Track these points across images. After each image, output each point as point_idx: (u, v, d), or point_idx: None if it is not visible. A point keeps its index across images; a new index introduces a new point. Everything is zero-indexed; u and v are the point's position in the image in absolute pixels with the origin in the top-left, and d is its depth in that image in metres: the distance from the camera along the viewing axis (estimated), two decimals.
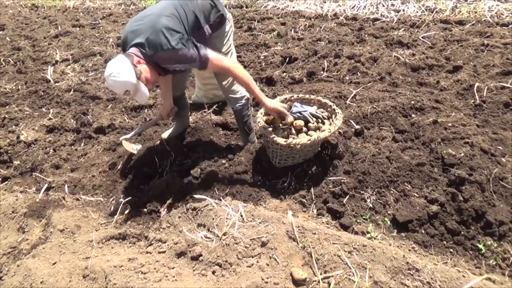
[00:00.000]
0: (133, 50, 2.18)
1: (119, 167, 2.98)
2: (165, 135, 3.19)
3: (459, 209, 2.26)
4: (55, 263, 1.99)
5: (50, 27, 6.97)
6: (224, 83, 2.70)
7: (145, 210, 2.55)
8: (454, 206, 2.29)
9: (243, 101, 2.81)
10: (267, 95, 3.70)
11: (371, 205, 2.44)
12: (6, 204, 2.62)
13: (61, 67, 5.08)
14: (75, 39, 6.17)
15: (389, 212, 2.39)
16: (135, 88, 2.13)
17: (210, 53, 2.25)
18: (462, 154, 2.53)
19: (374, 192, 2.50)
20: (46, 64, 5.17)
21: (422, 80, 3.77)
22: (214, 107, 3.70)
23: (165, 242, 2.14)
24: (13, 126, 3.69)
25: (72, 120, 3.71)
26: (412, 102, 3.24)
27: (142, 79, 2.16)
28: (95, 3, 8.77)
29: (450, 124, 2.87)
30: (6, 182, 3.01)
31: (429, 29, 5.08)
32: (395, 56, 4.31)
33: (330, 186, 2.58)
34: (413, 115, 3.12)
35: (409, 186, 2.49)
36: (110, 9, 8.13)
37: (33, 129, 3.62)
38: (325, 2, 6.83)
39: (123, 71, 2.07)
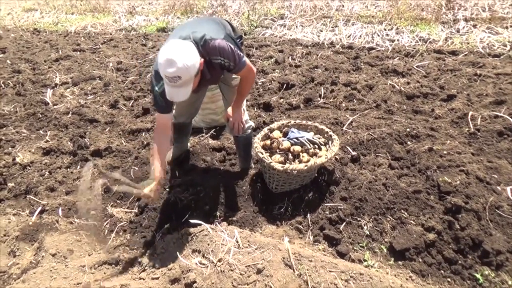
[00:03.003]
0: None
1: (114, 191, 2.96)
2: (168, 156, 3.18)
3: (456, 238, 2.25)
4: None
5: (51, 51, 7.06)
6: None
7: (140, 234, 2.52)
8: (451, 234, 2.28)
9: (249, 131, 2.84)
10: (264, 121, 3.76)
11: (368, 232, 2.42)
12: None
13: (60, 90, 5.11)
14: (75, 63, 6.24)
15: (386, 239, 2.37)
16: (188, 80, 1.94)
17: (246, 58, 2.30)
18: (458, 182, 2.54)
19: (371, 219, 2.50)
20: (46, 87, 5.21)
21: (417, 108, 3.83)
22: (212, 131, 3.72)
23: (158, 268, 2.11)
24: (10, 148, 3.67)
25: (69, 143, 3.71)
26: (408, 129, 3.27)
27: (195, 80, 2.04)
28: (96, 28, 8.93)
29: (445, 152, 2.90)
30: (0, 204, 2.98)
31: (423, 59, 5.19)
32: (390, 84, 4.39)
33: (327, 213, 2.57)
34: (408, 143, 3.15)
35: (405, 213, 2.49)
36: (111, 34, 8.27)
37: (29, 151, 3.60)
38: (321, 31, 6.99)
39: (193, 56, 1.91)
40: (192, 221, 2.40)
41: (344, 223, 2.50)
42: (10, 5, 12.90)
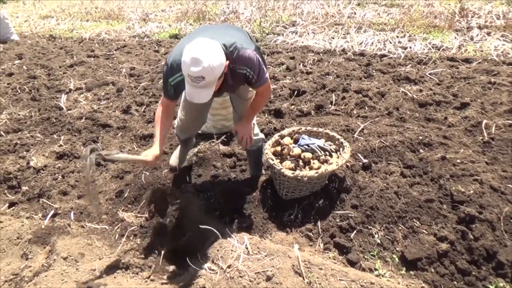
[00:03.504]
0: None
1: (125, 195, 2.98)
2: (172, 161, 3.21)
3: (470, 248, 2.20)
4: None
5: (66, 57, 7.18)
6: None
7: (150, 239, 2.53)
8: (465, 244, 2.24)
9: (260, 143, 2.84)
10: (274, 127, 3.76)
11: (379, 241, 2.39)
12: (11, 230, 2.61)
13: (74, 95, 5.19)
14: (89, 69, 6.34)
15: (397, 248, 2.34)
16: (211, 82, 1.86)
17: (267, 75, 2.26)
18: (472, 191, 2.50)
19: (382, 228, 2.47)
20: (60, 92, 5.30)
21: (430, 116, 3.79)
22: (223, 137, 3.73)
23: (168, 274, 2.11)
24: (24, 152, 3.73)
25: (82, 147, 3.76)
26: (420, 137, 3.24)
27: (218, 82, 1.95)
28: (110, 35, 9.07)
29: (458, 161, 2.86)
30: (13, 207, 3.02)
31: (436, 66, 5.15)
32: (402, 91, 4.35)
33: (337, 220, 2.55)
34: (421, 151, 3.12)
35: (417, 222, 2.45)
36: (124, 40, 8.39)
37: (43, 155, 3.66)
38: (333, 38, 6.99)
39: (219, 57, 1.83)
40: (202, 226, 2.40)
41: (355, 231, 2.47)
42: (27, 13, 13.22)
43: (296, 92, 4.63)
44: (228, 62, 1.94)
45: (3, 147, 3.83)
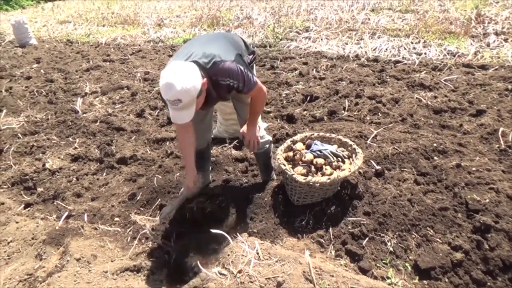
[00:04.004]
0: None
1: (138, 198, 3.01)
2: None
3: (485, 258, 2.16)
4: None
5: (82, 61, 7.32)
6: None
7: (161, 242, 2.54)
8: (480, 254, 2.19)
9: (267, 146, 2.84)
10: (287, 133, 3.76)
11: (391, 249, 2.36)
12: (26, 230, 2.66)
13: (90, 99, 5.28)
14: (105, 73, 6.44)
15: (410, 257, 2.30)
16: (189, 103, 1.90)
17: (256, 79, 2.28)
18: (487, 200, 2.46)
19: (395, 236, 2.43)
20: (76, 95, 5.39)
21: (445, 123, 3.74)
22: (235, 142, 3.74)
23: (179, 277, 2.12)
24: (40, 154, 3.81)
25: (96, 150, 3.81)
26: (435, 144, 3.20)
27: (198, 101, 1.99)
28: (125, 39, 9.21)
29: (474, 169, 2.81)
30: (29, 208, 3.08)
31: (451, 73, 5.08)
32: (417, 98, 4.31)
33: (349, 227, 2.52)
34: (435, 158, 3.07)
35: (431, 231, 2.41)
36: (139, 45, 8.51)
37: (58, 157, 3.72)
38: (347, 44, 6.97)
39: (192, 78, 1.87)
40: (213, 231, 2.41)
41: (367, 238, 2.44)
42: (46, 18, 13.53)
43: (308, 97, 4.62)
44: (205, 79, 2.00)
45: (20, 149, 3.91)
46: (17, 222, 2.77)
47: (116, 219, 2.83)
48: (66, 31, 10.98)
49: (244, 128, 2.60)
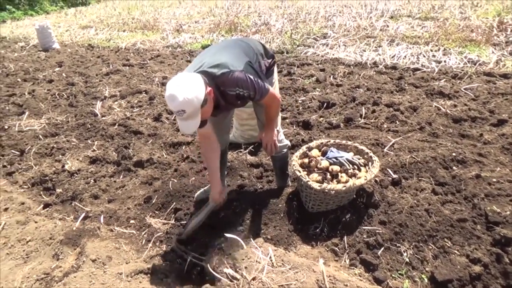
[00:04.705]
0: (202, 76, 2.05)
1: (153, 201, 3.04)
2: (199, 195, 3.06)
3: (505, 272, 2.09)
4: None
5: (103, 66, 7.47)
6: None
7: (175, 246, 2.56)
8: (499, 268, 2.13)
9: (285, 150, 2.83)
10: (302, 139, 3.74)
11: (407, 260, 2.32)
12: (44, 230, 2.71)
13: (109, 102, 5.38)
14: (124, 77, 6.56)
15: (427, 268, 2.25)
16: (193, 113, 1.93)
17: (269, 86, 2.28)
18: (508, 213, 2.39)
19: (411, 246, 2.39)
20: (96, 99, 5.50)
21: (464, 132, 3.67)
22: (250, 147, 3.75)
23: (192, 281, 2.12)
24: (60, 156, 3.89)
25: (114, 153, 3.87)
26: (454, 154, 3.13)
27: (204, 110, 2.01)
28: (145, 45, 9.36)
29: (494, 180, 2.74)
30: (47, 208, 3.14)
31: (471, 81, 4.99)
32: (435, 106, 4.24)
33: (364, 236, 2.49)
34: (454, 168, 3.01)
35: (449, 242, 2.36)
36: (158, 50, 8.65)
37: (77, 159, 3.80)
38: (364, 51, 6.92)
39: (195, 88, 1.90)
40: (227, 235, 2.41)
41: (383, 248, 2.40)
42: (68, 23, 13.89)
43: (325, 104, 4.60)
44: (210, 89, 2.01)
45: (41, 150, 4.01)
46: (36, 222, 2.83)
47: (132, 221, 2.87)
48: (87, 36, 11.24)
49: (262, 132, 2.62)
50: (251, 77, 2.13)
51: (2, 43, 10.88)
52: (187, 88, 1.88)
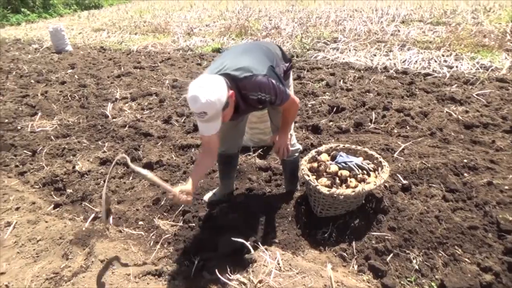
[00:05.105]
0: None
1: (162, 203, 3.06)
2: (207, 197, 3.06)
3: None
4: None
5: (114, 68, 7.55)
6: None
7: (183, 248, 2.56)
8: (511, 277, 2.09)
9: (297, 154, 2.83)
10: (311, 143, 3.73)
11: (417, 267, 2.29)
12: (55, 230, 2.74)
13: (120, 104, 5.43)
14: (135, 80, 6.62)
15: (436, 276, 2.22)
16: (214, 115, 1.93)
17: (289, 91, 2.27)
18: None
19: (421, 253, 2.36)
20: (107, 101, 5.56)
21: (476, 138, 3.62)
22: (259, 151, 3.75)
23: (199, 284, 2.12)
24: (71, 156, 3.94)
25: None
26: (465, 160, 3.10)
27: (225, 113, 2.01)
28: (156, 47, 9.45)
29: (506, 187, 2.70)
30: (58, 208, 3.17)
31: (484, 87, 4.93)
32: (447, 112, 4.20)
33: (373, 242, 2.47)
34: (465, 174, 2.97)
35: (459, 250, 2.32)
36: (169, 53, 8.71)
37: (88, 160, 3.84)
38: (375, 55, 6.89)
39: (218, 91, 1.89)
40: (234, 239, 2.41)
41: (391, 254, 2.38)
42: (81, 25, 14.08)
43: (335, 108, 4.59)
44: (232, 92, 2.00)
45: (53, 151, 4.06)
46: (46, 222, 2.86)
47: (140, 222, 2.88)
48: (100, 38, 11.38)
49: (275, 135, 2.60)
50: (274, 81, 2.12)
51: (17, 45, 11.06)
52: (210, 90, 1.87)
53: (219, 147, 2.74)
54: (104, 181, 3.47)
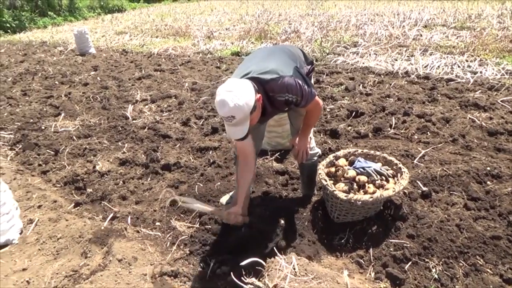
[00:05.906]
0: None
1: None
2: (224, 200, 3.09)
3: None
4: None
5: (135, 70, 7.69)
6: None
7: (199, 250, 2.57)
8: None
9: (315, 158, 2.81)
10: (329, 148, 3.70)
11: (436, 276, 2.23)
12: (74, 228, 2.80)
13: (140, 106, 5.52)
14: (155, 82, 6.72)
15: (457, 286, 2.16)
16: (243, 119, 1.94)
17: (315, 91, 2.27)
18: None
19: (441, 262, 2.30)
20: (127, 102, 5.66)
21: (500, 146, 3.52)
22: (276, 154, 3.74)
23: (214, 286, 2.13)
24: (92, 157, 4.02)
25: (143, 155, 3.96)
26: (488, 168, 3.01)
27: (252, 117, 2.01)
28: (176, 50, 9.57)
29: None
30: (78, 207, 3.24)
31: (509, 93, 4.79)
32: (470, 118, 4.10)
33: (391, 249, 2.42)
34: (488, 182, 2.89)
35: (481, 260, 2.26)
36: (189, 56, 8.82)
37: (108, 160, 3.91)
38: (396, 60, 6.80)
39: (245, 95, 1.90)
40: (250, 242, 2.40)
41: (410, 262, 2.33)
42: (105, 29, 14.41)
43: (354, 113, 4.54)
44: (259, 95, 2.02)
45: (74, 150, 4.15)
46: (66, 220, 2.93)
47: (157, 223, 2.91)
48: (122, 41, 11.62)
49: (295, 138, 2.60)
50: (300, 82, 2.13)
51: (43, 47, 11.41)
52: (238, 95, 1.87)
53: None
54: (123, 182, 3.52)
